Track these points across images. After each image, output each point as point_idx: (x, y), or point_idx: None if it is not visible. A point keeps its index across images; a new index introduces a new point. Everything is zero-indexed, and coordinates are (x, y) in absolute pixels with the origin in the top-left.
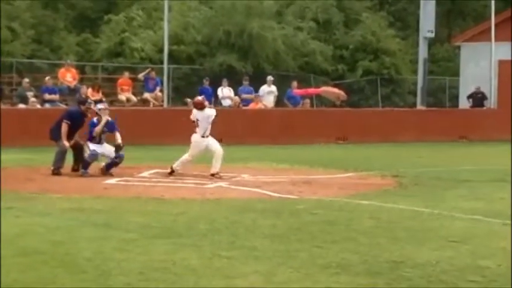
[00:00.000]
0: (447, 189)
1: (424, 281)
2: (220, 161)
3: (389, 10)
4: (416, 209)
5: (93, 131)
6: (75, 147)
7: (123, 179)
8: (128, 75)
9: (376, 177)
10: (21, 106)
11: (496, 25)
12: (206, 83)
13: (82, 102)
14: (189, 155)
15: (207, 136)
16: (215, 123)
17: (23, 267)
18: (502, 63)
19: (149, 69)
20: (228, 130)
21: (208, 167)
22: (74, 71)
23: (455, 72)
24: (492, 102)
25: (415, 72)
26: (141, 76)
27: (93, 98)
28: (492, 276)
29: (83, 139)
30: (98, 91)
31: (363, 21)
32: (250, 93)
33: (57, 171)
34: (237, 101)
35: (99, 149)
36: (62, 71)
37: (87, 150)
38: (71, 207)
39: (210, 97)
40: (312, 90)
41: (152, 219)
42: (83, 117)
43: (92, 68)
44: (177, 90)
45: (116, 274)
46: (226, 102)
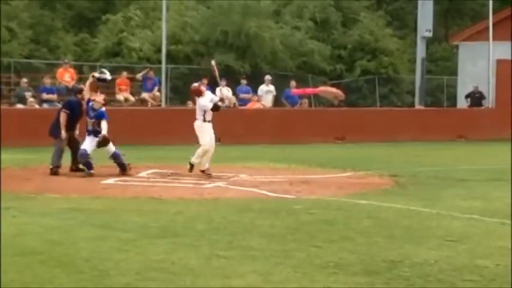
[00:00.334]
0: (445, 188)
1: (421, 281)
2: (204, 157)
3: (387, 9)
4: (414, 208)
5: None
6: (72, 146)
7: (121, 179)
8: (126, 75)
9: (374, 177)
10: (19, 106)
11: (493, 24)
12: (205, 82)
13: (79, 91)
14: (202, 144)
15: (209, 121)
16: (214, 123)
17: (20, 267)
18: (500, 63)
19: (147, 70)
20: (226, 130)
21: (212, 167)
22: (72, 71)
23: (453, 71)
24: (490, 101)
25: (413, 71)
26: (140, 76)
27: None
28: (490, 275)
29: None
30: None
31: (360, 20)
32: (248, 93)
33: (55, 171)
34: (233, 101)
35: (89, 146)
36: (60, 71)
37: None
38: (69, 207)
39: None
40: (310, 90)
41: (150, 219)
42: (81, 106)
43: (90, 67)
44: (175, 90)
45: (114, 274)
46: (225, 102)
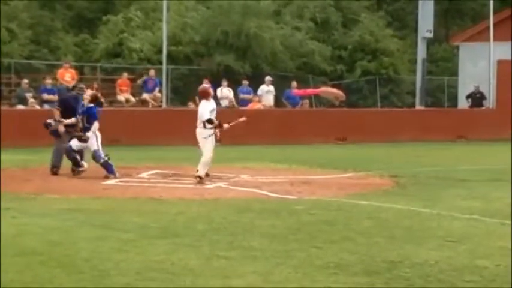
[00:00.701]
0: (445, 188)
1: (422, 281)
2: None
3: (387, 10)
4: (414, 208)
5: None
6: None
7: (122, 179)
8: (127, 75)
9: (374, 177)
10: (20, 107)
11: (494, 25)
12: (205, 83)
13: (73, 87)
14: (204, 154)
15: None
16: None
17: (20, 267)
18: (500, 63)
19: (145, 77)
20: (226, 130)
21: (209, 167)
22: (72, 71)
23: (454, 72)
24: (491, 102)
25: (414, 72)
26: (140, 82)
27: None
28: (490, 276)
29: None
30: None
31: (361, 21)
32: (249, 94)
33: (55, 171)
34: (232, 101)
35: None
36: (60, 71)
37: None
38: (69, 207)
39: None
40: (310, 91)
41: (150, 219)
42: (76, 101)
43: (91, 68)
44: (176, 90)
45: (114, 274)
46: (225, 103)
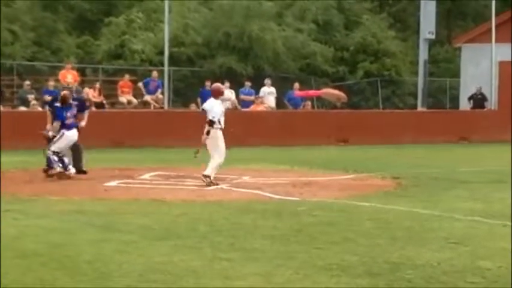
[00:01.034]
0: (447, 190)
1: (424, 282)
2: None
3: (389, 11)
4: (416, 210)
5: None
6: (73, 148)
7: (124, 181)
8: (128, 77)
9: (376, 179)
10: (22, 108)
11: (496, 26)
12: (208, 85)
13: (63, 88)
14: (214, 155)
15: (220, 128)
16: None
17: (22, 269)
18: (502, 65)
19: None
20: (228, 131)
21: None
22: (74, 72)
23: (456, 73)
24: (493, 103)
25: (416, 73)
26: (141, 85)
27: (94, 99)
28: (492, 277)
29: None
30: (100, 93)
31: (363, 22)
32: (251, 95)
33: (46, 172)
34: (235, 103)
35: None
36: (62, 72)
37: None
38: (71, 209)
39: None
40: (312, 92)
41: (152, 221)
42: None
43: (93, 70)
44: (177, 92)
45: (116, 276)
46: (227, 105)
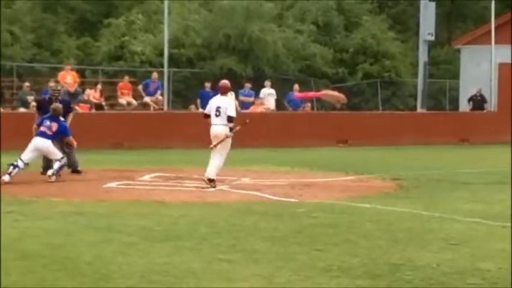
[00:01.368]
0: (447, 191)
1: (424, 284)
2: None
3: (389, 13)
4: (416, 211)
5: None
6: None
7: (124, 182)
8: (128, 79)
9: (376, 180)
10: (22, 110)
11: (496, 28)
12: (208, 86)
13: (50, 87)
14: (224, 155)
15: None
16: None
17: (23, 270)
18: (502, 66)
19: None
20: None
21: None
22: (74, 73)
23: (456, 75)
24: (492, 105)
25: (416, 75)
26: (141, 88)
27: (94, 101)
28: (492, 278)
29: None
30: (101, 95)
31: (363, 24)
32: (250, 96)
33: (44, 172)
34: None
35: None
36: (62, 73)
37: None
38: (71, 210)
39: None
40: (312, 94)
41: (153, 222)
42: (51, 102)
43: (92, 71)
44: (177, 93)
45: (117, 277)
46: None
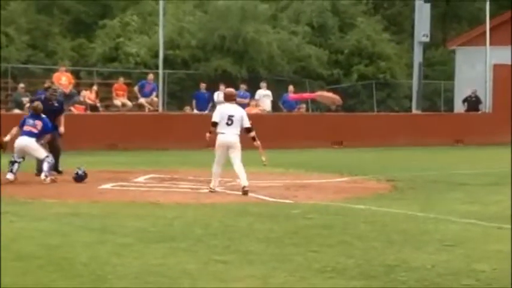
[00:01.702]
0: (442, 192)
1: (418, 285)
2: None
3: (384, 14)
4: (411, 212)
5: None
6: (52, 150)
7: (119, 183)
8: (123, 80)
9: (371, 181)
10: (17, 111)
11: (491, 29)
12: (203, 87)
13: (46, 88)
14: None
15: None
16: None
17: (18, 271)
18: (497, 68)
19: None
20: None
21: (205, 172)
22: (69, 74)
23: (450, 76)
24: (487, 106)
25: (411, 76)
26: (136, 89)
27: (90, 102)
28: (487, 280)
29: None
30: (97, 96)
31: (357, 25)
32: (246, 98)
33: (39, 174)
34: None
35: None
36: (56, 74)
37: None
38: (67, 211)
39: (206, 102)
40: (307, 95)
41: (148, 223)
42: (47, 102)
43: (87, 73)
44: (172, 95)
45: (112, 278)
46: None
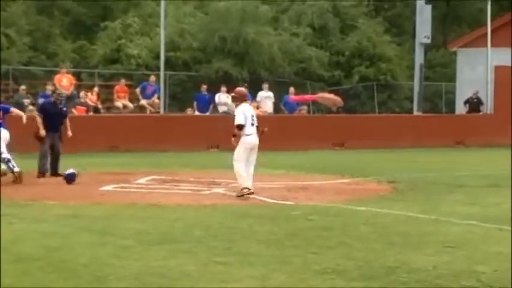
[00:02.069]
0: (443, 194)
1: (419, 286)
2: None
3: (385, 16)
4: (412, 214)
5: None
6: (52, 151)
7: (120, 185)
8: (124, 82)
9: (372, 183)
10: None
11: (492, 31)
12: (204, 89)
13: (52, 91)
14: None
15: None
16: (213, 129)
17: (18, 273)
18: (498, 69)
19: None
20: (224, 136)
21: (207, 173)
22: (70, 76)
23: (452, 77)
24: (488, 107)
25: (412, 77)
26: (138, 91)
27: (91, 104)
28: (488, 281)
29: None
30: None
31: (358, 27)
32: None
33: (42, 174)
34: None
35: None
36: (58, 76)
37: None
38: (67, 213)
39: (208, 104)
40: (308, 97)
41: (148, 225)
42: (56, 106)
43: (89, 74)
44: (174, 96)
45: (112, 280)
46: (223, 109)
